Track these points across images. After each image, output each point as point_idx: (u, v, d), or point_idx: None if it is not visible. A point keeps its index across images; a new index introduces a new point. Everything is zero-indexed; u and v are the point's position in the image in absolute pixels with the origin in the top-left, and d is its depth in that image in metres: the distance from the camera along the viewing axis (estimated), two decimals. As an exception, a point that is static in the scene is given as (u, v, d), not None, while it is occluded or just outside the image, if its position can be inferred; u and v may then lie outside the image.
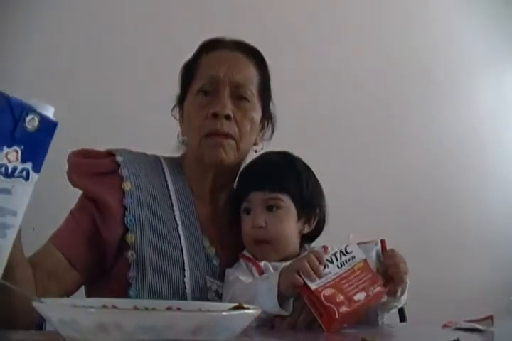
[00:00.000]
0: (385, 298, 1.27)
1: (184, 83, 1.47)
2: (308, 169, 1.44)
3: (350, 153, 2.66)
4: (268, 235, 1.35)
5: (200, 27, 2.37)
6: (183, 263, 1.32)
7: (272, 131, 1.52)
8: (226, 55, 1.45)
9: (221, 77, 1.40)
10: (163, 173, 1.42)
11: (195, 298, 1.30)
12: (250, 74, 1.43)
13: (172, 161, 1.47)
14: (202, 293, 1.33)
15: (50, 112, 0.78)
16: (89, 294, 1.38)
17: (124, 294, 1.27)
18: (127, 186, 1.33)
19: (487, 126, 3.00)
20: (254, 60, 1.45)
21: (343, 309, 1.18)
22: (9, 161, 0.75)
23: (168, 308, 0.87)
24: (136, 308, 0.87)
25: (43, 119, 0.76)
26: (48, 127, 0.77)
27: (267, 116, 1.50)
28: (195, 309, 0.88)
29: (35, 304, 0.79)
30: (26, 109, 0.75)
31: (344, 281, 1.21)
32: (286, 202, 1.36)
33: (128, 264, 1.29)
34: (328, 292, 1.18)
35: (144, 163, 1.40)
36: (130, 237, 1.30)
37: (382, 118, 2.74)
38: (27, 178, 0.76)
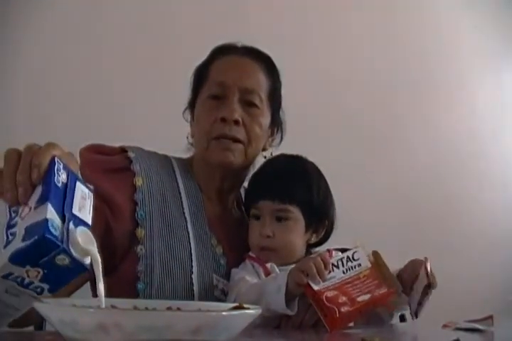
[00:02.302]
0: (395, 298, 1.27)
1: (195, 87, 1.49)
2: (319, 175, 1.43)
3: (351, 152, 2.66)
4: (275, 245, 1.35)
5: (204, 27, 2.38)
6: (191, 260, 1.33)
7: (281, 138, 1.53)
8: (236, 61, 1.46)
9: (230, 83, 1.41)
10: (174, 172, 1.44)
11: (201, 295, 1.31)
12: (260, 81, 1.44)
13: (182, 161, 1.48)
14: (208, 291, 1.33)
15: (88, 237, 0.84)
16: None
17: (131, 288, 1.28)
18: (139, 181, 1.34)
19: (487, 126, 3.00)
20: (265, 66, 1.46)
21: (345, 309, 1.19)
22: (28, 276, 0.79)
23: (168, 308, 0.87)
24: (136, 308, 0.87)
25: (74, 261, 0.80)
26: (76, 268, 0.81)
27: (277, 123, 1.51)
28: (195, 309, 0.88)
29: (35, 304, 0.79)
30: (59, 250, 0.79)
31: (348, 285, 1.22)
32: (296, 213, 1.36)
33: (137, 258, 1.30)
34: (330, 293, 1.20)
35: (154, 160, 1.42)
36: (140, 232, 1.31)
37: (381, 119, 2.74)
38: (40, 293, 0.81)
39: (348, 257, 1.25)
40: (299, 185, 1.37)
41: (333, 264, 1.23)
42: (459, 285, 2.72)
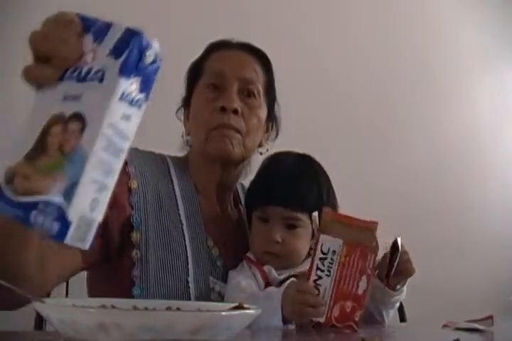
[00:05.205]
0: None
1: (191, 82, 1.48)
2: (327, 178, 1.41)
3: (350, 152, 2.66)
4: (282, 251, 1.34)
5: (201, 26, 2.37)
6: (187, 264, 1.31)
7: (277, 134, 1.52)
8: (233, 54, 1.46)
9: (229, 72, 1.40)
10: (169, 172, 1.41)
11: (198, 299, 1.30)
12: (257, 73, 1.44)
13: (178, 160, 1.46)
14: (205, 294, 1.32)
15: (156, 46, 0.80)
16: (93, 293, 1.37)
17: (127, 293, 1.26)
18: (134, 184, 1.32)
19: (487, 126, 3.00)
20: (260, 61, 1.46)
21: (358, 312, 1.17)
22: (133, 90, 0.77)
23: (168, 308, 0.87)
24: (136, 308, 0.87)
25: (157, 55, 0.79)
26: (157, 62, 0.79)
27: (272, 118, 1.50)
28: (195, 309, 0.88)
29: (36, 304, 0.79)
30: (148, 45, 0.78)
31: (342, 283, 1.18)
32: (305, 221, 1.34)
33: (132, 263, 1.28)
34: (336, 312, 1.17)
35: (150, 161, 1.40)
36: (135, 236, 1.29)
37: (381, 118, 2.74)
38: (140, 107, 0.78)
39: (320, 258, 1.18)
40: (311, 192, 1.35)
41: (317, 276, 1.18)
42: (460, 285, 2.72)
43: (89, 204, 0.74)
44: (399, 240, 1.28)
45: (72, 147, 0.72)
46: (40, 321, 1.46)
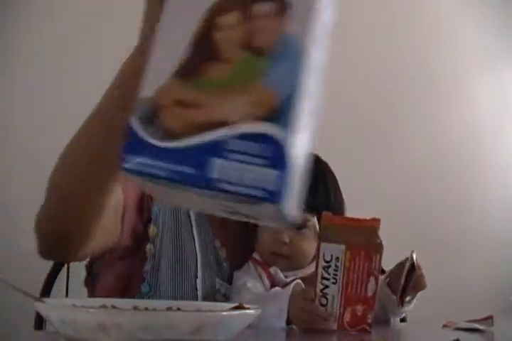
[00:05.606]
0: None
1: None
2: (334, 178, 1.41)
3: (350, 150, 2.65)
4: (289, 252, 1.33)
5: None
6: (197, 265, 1.31)
7: None
8: None
9: None
10: None
11: (203, 300, 1.29)
12: None
13: None
14: (211, 295, 1.32)
15: None
16: (98, 291, 1.34)
17: (135, 290, 1.26)
18: None
19: (487, 126, 3.00)
20: None
21: (370, 314, 1.16)
22: None
23: (168, 308, 0.87)
24: (136, 308, 0.87)
25: None
26: None
27: None
28: (195, 309, 0.88)
29: (36, 304, 0.79)
30: None
31: (349, 288, 1.16)
32: (312, 221, 1.34)
33: (145, 257, 1.28)
34: (348, 317, 1.16)
35: None
36: (152, 230, 1.28)
37: (381, 117, 2.74)
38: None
39: (323, 267, 1.16)
40: (319, 192, 1.35)
41: (323, 286, 1.16)
42: (459, 285, 2.72)
43: (307, 137, 0.46)
44: (414, 256, 1.26)
45: (273, 39, 0.46)
46: (40, 321, 1.46)
